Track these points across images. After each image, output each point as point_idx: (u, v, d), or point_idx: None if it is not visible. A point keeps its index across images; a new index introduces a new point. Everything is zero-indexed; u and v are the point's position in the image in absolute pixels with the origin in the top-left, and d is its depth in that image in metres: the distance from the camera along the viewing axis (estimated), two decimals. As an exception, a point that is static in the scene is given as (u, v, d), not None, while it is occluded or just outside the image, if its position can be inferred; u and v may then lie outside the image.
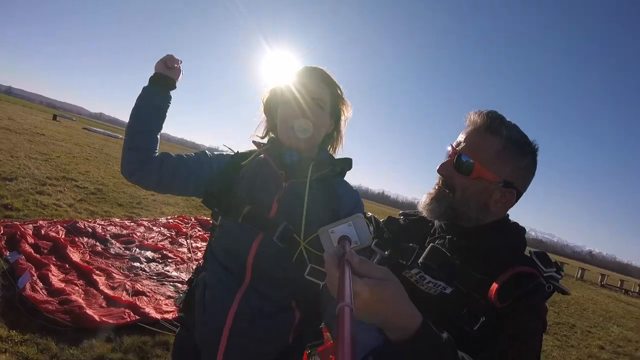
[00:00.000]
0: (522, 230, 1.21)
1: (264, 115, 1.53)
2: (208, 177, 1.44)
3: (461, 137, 1.19)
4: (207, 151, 1.53)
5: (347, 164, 1.48)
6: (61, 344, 3.11)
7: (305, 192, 1.33)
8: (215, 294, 1.35)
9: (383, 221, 1.43)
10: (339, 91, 1.45)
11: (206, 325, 1.35)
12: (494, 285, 1.01)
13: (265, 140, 1.53)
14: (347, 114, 1.51)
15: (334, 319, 1.39)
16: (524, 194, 1.19)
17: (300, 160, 1.39)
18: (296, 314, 1.36)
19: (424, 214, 1.22)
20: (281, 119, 1.39)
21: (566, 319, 9.87)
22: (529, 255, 1.12)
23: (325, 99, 1.40)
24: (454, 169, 1.15)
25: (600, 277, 27.86)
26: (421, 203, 1.23)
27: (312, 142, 1.42)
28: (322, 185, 1.39)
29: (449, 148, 1.20)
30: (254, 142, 1.49)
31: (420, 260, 1.19)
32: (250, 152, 1.50)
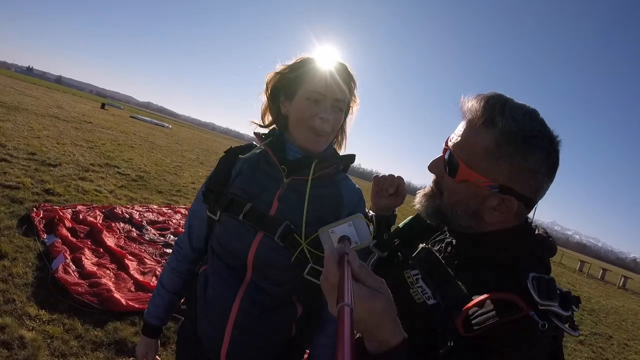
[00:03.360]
0: (546, 244, 1.00)
1: (266, 101, 1.48)
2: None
3: (457, 129, 1.03)
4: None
5: (350, 160, 1.45)
6: (87, 325, 3.28)
7: (307, 191, 1.31)
8: (218, 290, 1.37)
9: (410, 219, 1.38)
10: (354, 87, 1.41)
11: (209, 320, 1.38)
12: (464, 308, 0.87)
13: (266, 130, 1.50)
14: (355, 109, 1.47)
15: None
16: (539, 200, 0.98)
17: (304, 156, 1.37)
18: (298, 308, 1.38)
19: (418, 211, 1.12)
20: (300, 118, 1.33)
21: (604, 329, 9.40)
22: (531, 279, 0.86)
23: (347, 100, 1.38)
24: (444, 168, 1.02)
25: (644, 287, 26.18)
26: (415, 201, 1.13)
27: (325, 144, 1.39)
28: (324, 183, 1.37)
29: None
30: (255, 133, 1.46)
31: (410, 260, 1.12)
32: (248, 146, 1.48)
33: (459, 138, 0.99)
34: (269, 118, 1.50)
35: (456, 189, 0.99)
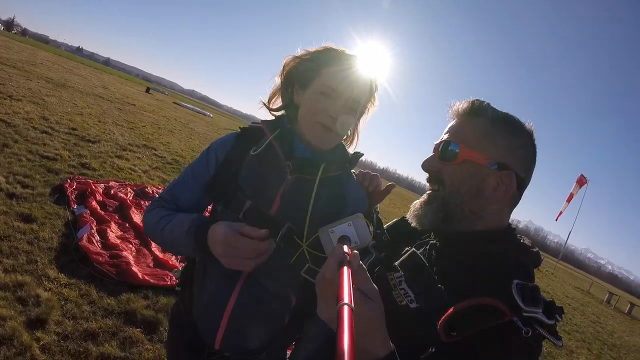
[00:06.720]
0: (531, 253, 1.03)
1: (279, 85, 1.44)
2: (205, 184, 1.39)
3: (447, 127, 1.13)
4: (206, 154, 1.42)
5: (356, 159, 1.43)
6: (101, 293, 3.47)
7: (313, 192, 1.29)
8: (216, 281, 1.38)
9: (395, 221, 1.39)
10: (374, 89, 1.39)
11: (206, 309, 1.40)
12: (446, 314, 0.88)
13: (276, 114, 1.48)
14: (371, 110, 1.45)
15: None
16: (528, 184, 1.08)
17: (313, 156, 1.36)
18: (292, 299, 1.40)
19: (412, 223, 1.13)
20: (309, 110, 1.31)
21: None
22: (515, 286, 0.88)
23: (364, 100, 1.37)
24: (439, 160, 1.09)
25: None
26: (410, 212, 1.15)
27: (333, 143, 1.37)
28: (328, 182, 1.34)
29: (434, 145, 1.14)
30: (262, 121, 1.42)
31: (397, 263, 1.13)
32: (258, 130, 1.42)
33: (454, 127, 1.10)
34: (277, 101, 1.48)
35: (457, 172, 1.06)
